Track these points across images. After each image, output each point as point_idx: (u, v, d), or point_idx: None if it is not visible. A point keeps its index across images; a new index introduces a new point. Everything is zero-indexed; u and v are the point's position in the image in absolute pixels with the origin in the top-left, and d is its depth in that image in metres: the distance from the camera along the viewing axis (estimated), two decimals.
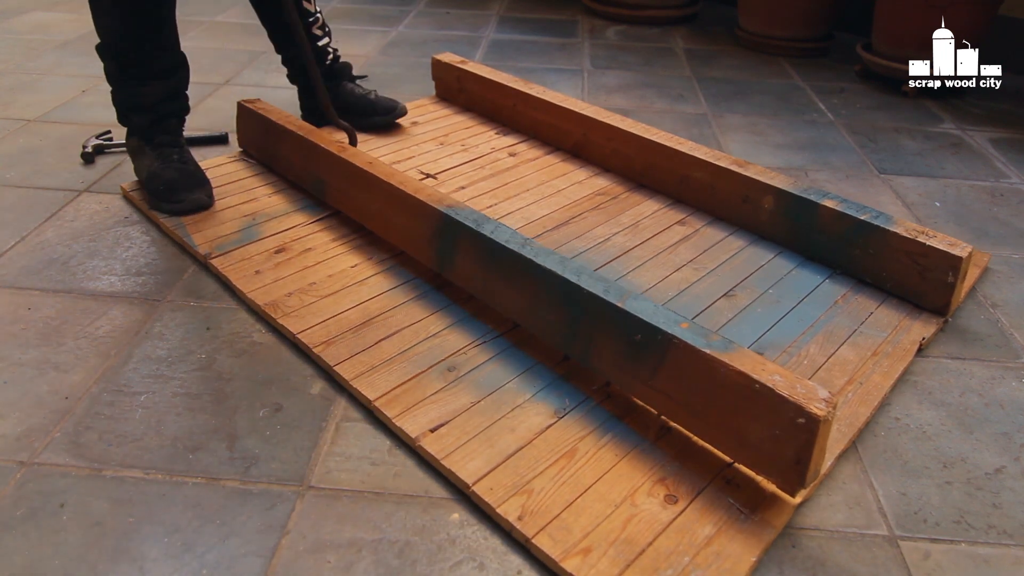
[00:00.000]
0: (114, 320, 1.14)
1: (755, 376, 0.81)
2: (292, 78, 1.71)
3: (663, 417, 0.96)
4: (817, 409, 0.77)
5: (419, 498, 0.87)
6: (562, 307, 1.00)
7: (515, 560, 0.80)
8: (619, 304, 0.93)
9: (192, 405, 0.99)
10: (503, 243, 1.06)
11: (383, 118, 1.72)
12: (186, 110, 1.45)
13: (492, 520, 0.84)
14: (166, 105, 1.40)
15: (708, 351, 0.85)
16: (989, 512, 0.88)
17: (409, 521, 0.84)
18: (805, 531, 0.85)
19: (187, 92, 1.45)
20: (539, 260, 1.02)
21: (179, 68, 1.39)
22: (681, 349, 0.87)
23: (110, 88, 1.39)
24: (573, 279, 0.98)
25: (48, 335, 1.10)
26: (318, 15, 1.62)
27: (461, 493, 0.87)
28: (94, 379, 1.03)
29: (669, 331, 0.88)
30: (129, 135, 1.45)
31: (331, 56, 1.68)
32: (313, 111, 1.70)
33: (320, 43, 1.63)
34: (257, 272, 1.22)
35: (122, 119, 1.43)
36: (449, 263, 1.16)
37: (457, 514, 0.85)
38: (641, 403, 0.98)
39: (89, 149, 1.62)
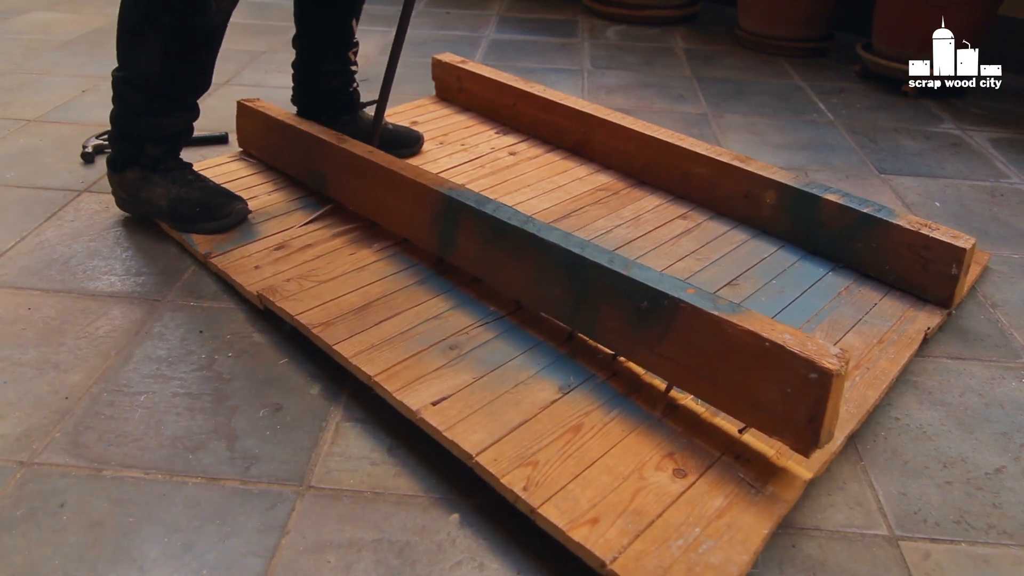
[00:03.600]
0: (114, 320, 1.14)
1: (765, 335, 0.81)
2: (307, 87, 1.58)
3: (671, 385, 0.95)
4: (830, 364, 0.77)
5: (419, 498, 0.87)
6: (567, 280, 1.00)
7: (515, 560, 0.80)
8: (624, 272, 0.93)
9: (192, 405, 0.99)
10: (506, 220, 1.07)
11: (408, 150, 1.63)
12: (192, 132, 1.37)
13: (493, 520, 0.84)
14: (184, 135, 1.33)
15: (716, 312, 0.85)
16: (989, 512, 0.88)
17: (409, 521, 0.84)
18: (805, 531, 0.85)
19: None
20: (543, 235, 1.03)
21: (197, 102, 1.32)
22: (689, 312, 0.87)
23: (119, 117, 1.28)
24: (577, 251, 0.98)
25: (48, 335, 1.10)
26: (357, 41, 1.56)
27: (462, 493, 0.87)
28: (94, 379, 1.02)
29: (676, 295, 0.88)
30: (122, 169, 1.32)
31: (355, 84, 1.61)
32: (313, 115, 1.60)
33: (352, 67, 1.56)
34: (256, 267, 1.22)
35: (131, 149, 1.30)
36: (451, 245, 1.16)
37: (457, 514, 0.85)
38: (647, 376, 0.97)
39: (89, 149, 1.62)
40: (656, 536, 0.77)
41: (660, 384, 0.97)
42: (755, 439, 0.90)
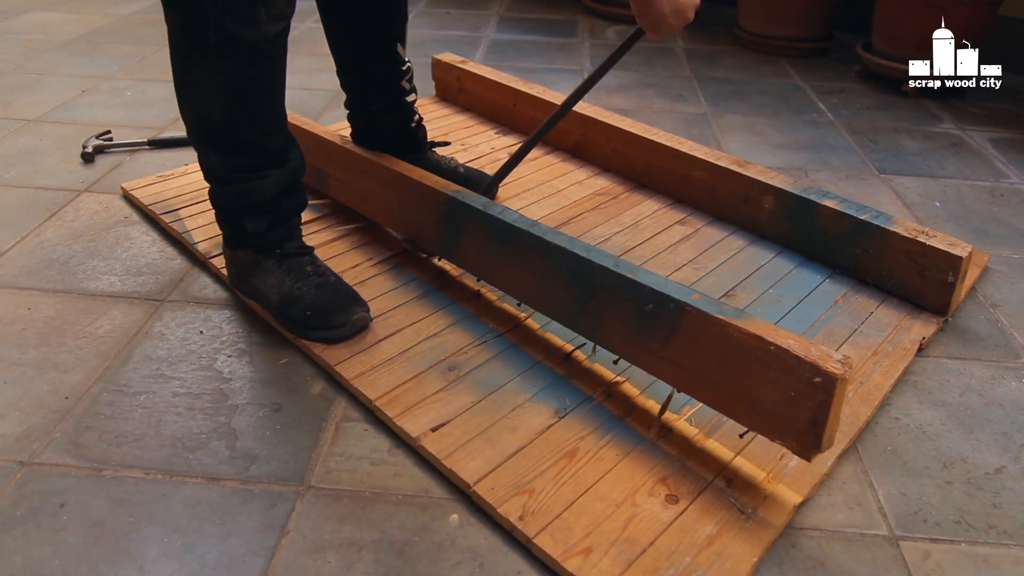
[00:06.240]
0: (114, 320, 1.14)
1: (770, 339, 0.82)
2: (363, 114, 1.37)
3: (665, 407, 0.96)
4: (834, 368, 0.77)
5: (419, 498, 0.87)
6: (571, 284, 1.00)
7: (515, 560, 0.80)
8: (631, 276, 0.93)
9: (192, 405, 0.99)
10: (512, 223, 1.07)
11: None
12: (305, 204, 1.15)
13: (492, 520, 0.84)
14: (286, 200, 1.11)
15: (722, 316, 0.85)
16: (989, 512, 0.88)
17: (409, 521, 0.84)
18: (805, 531, 0.85)
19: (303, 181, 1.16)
20: (549, 238, 1.03)
21: (292, 149, 1.10)
22: (694, 316, 0.87)
23: (212, 193, 1.10)
24: (583, 254, 0.99)
25: (48, 335, 1.10)
26: (409, 64, 1.35)
27: (461, 493, 0.87)
28: (94, 379, 1.02)
29: (681, 299, 0.89)
30: (235, 247, 1.14)
31: (417, 117, 1.40)
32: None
33: (408, 98, 1.36)
34: None
35: (231, 228, 1.12)
36: (454, 247, 1.16)
37: (457, 514, 0.85)
38: (641, 398, 0.98)
39: (89, 149, 1.62)
40: (647, 565, 0.77)
41: (654, 406, 0.97)
42: (747, 462, 0.90)
